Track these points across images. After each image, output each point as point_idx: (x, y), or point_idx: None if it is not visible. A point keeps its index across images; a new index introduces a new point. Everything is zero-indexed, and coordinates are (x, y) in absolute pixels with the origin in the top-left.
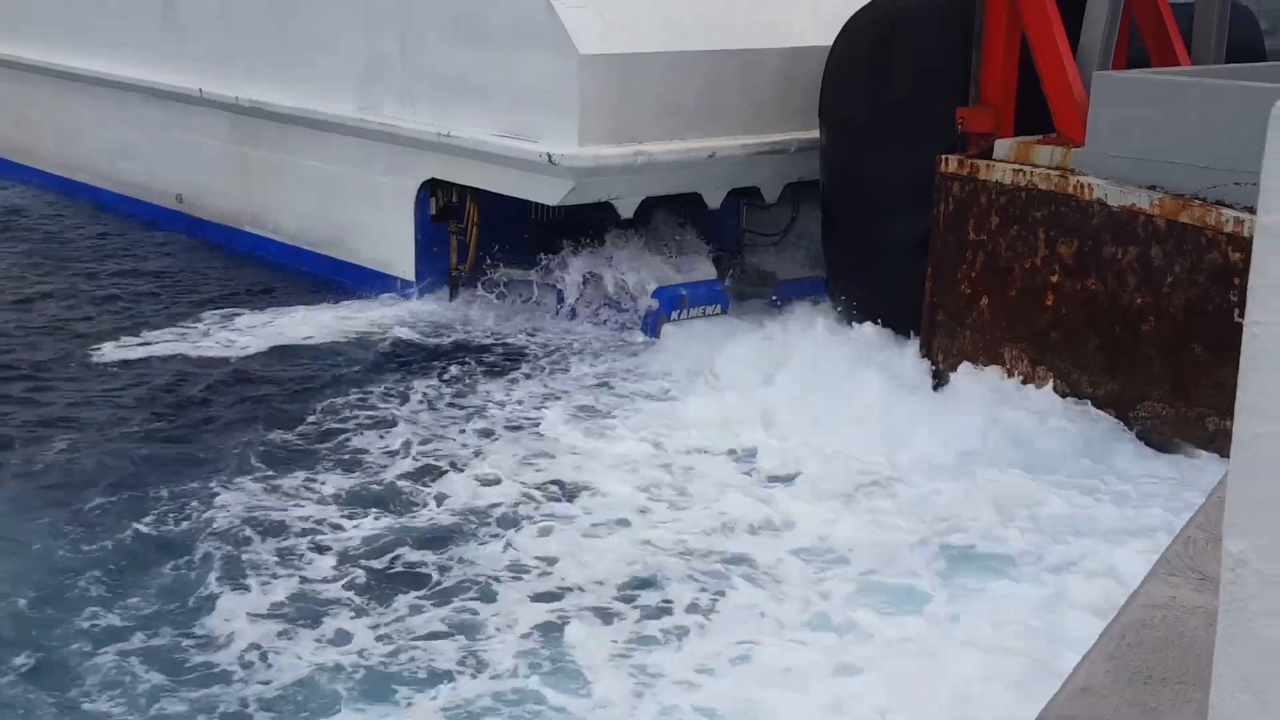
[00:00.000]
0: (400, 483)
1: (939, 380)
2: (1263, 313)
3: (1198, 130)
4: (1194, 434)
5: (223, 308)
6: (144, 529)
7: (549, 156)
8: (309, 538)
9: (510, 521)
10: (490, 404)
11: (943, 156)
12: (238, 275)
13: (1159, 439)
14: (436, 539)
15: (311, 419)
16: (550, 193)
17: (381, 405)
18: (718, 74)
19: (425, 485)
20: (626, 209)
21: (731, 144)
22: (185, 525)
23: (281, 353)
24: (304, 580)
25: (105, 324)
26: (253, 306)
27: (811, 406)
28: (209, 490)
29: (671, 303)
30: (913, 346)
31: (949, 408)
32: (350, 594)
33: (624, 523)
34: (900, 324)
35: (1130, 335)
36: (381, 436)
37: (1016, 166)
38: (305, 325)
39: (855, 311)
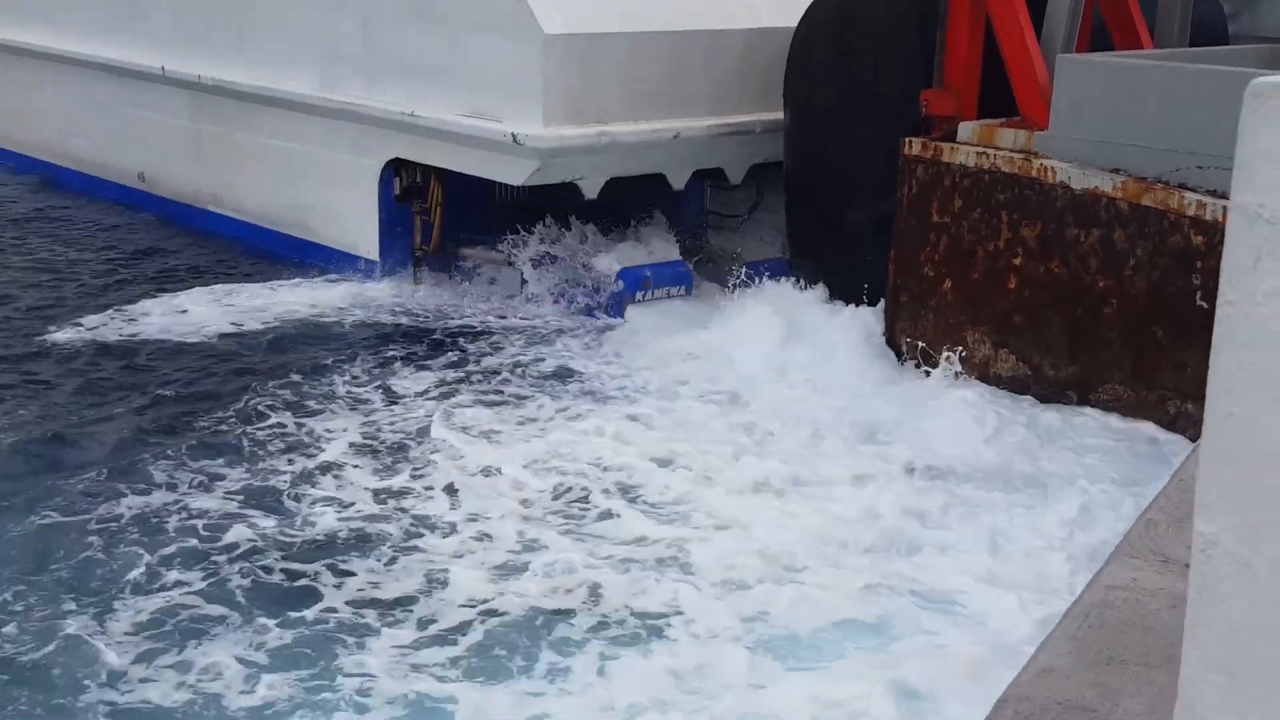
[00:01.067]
0: (297, 483)
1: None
2: (1235, 292)
3: (1160, 113)
4: (1155, 416)
5: (179, 287)
6: (29, 523)
7: (513, 137)
8: (189, 542)
9: (408, 535)
10: (427, 395)
11: (906, 139)
12: (198, 254)
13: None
14: (322, 550)
15: (239, 405)
16: (515, 173)
17: (318, 393)
18: (682, 55)
19: (325, 487)
20: (591, 189)
21: (696, 125)
22: (69, 523)
23: (234, 334)
24: (176, 592)
25: (56, 304)
26: (211, 286)
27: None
28: (107, 482)
29: (636, 283)
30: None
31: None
32: (221, 608)
33: (532, 544)
34: (860, 301)
35: (1092, 318)
36: (302, 428)
37: (980, 149)
38: (264, 305)
39: (817, 288)
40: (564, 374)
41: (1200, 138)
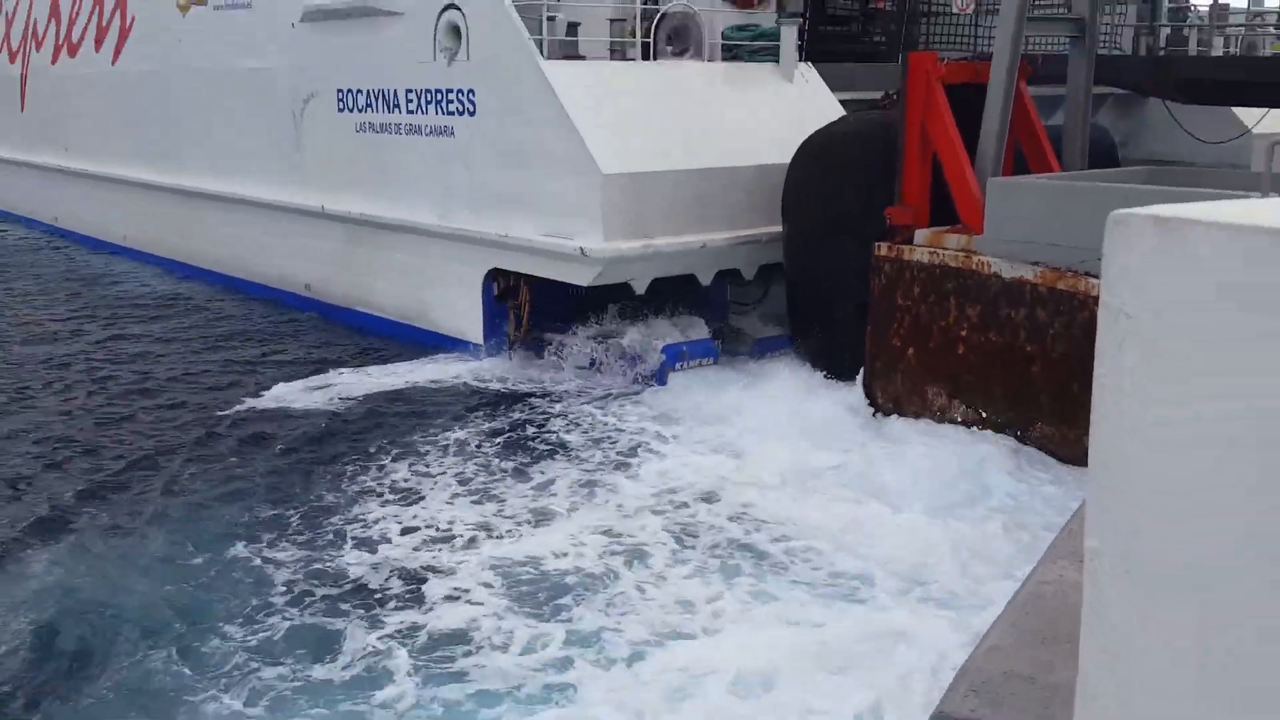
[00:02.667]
0: (378, 527)
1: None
2: (1105, 367)
3: (1068, 219)
4: (1074, 451)
5: (334, 367)
6: (145, 566)
7: (581, 250)
8: (253, 585)
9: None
10: (507, 452)
11: (877, 244)
12: (349, 343)
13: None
14: (356, 596)
15: (351, 460)
16: (583, 276)
17: (424, 445)
18: (705, 186)
19: (387, 536)
20: (640, 287)
21: (717, 237)
22: (175, 578)
23: (373, 400)
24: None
25: (234, 381)
26: (359, 367)
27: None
28: (214, 532)
29: (675, 356)
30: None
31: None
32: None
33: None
34: (847, 370)
35: (1023, 376)
36: (394, 478)
37: (932, 250)
38: (396, 379)
39: (812, 361)
40: (613, 434)
41: (1097, 236)
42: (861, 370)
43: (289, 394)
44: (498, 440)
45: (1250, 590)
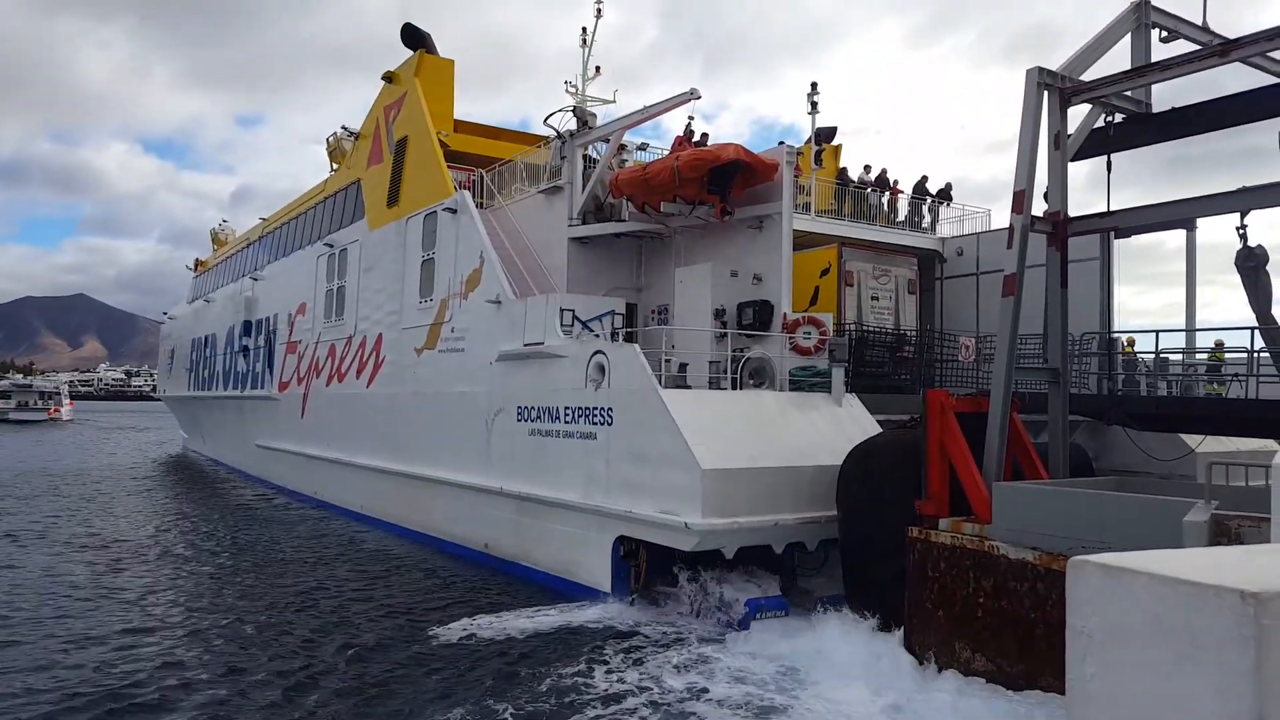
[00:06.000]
0: None
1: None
2: (1074, 671)
3: (1056, 515)
4: None
5: (501, 610)
6: None
7: (686, 524)
8: None
9: None
10: (624, 682)
11: (909, 528)
12: (515, 590)
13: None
14: None
15: (513, 678)
16: (686, 543)
17: (561, 675)
18: (778, 479)
19: None
20: (729, 553)
21: (787, 517)
22: None
23: (526, 636)
24: None
25: (427, 616)
26: (521, 608)
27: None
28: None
29: (755, 609)
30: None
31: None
32: None
33: None
34: (889, 623)
35: (1029, 635)
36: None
37: (953, 535)
38: (546, 619)
39: (863, 614)
40: (707, 673)
41: (1080, 529)
42: (903, 625)
43: (467, 628)
44: (620, 672)
45: None
